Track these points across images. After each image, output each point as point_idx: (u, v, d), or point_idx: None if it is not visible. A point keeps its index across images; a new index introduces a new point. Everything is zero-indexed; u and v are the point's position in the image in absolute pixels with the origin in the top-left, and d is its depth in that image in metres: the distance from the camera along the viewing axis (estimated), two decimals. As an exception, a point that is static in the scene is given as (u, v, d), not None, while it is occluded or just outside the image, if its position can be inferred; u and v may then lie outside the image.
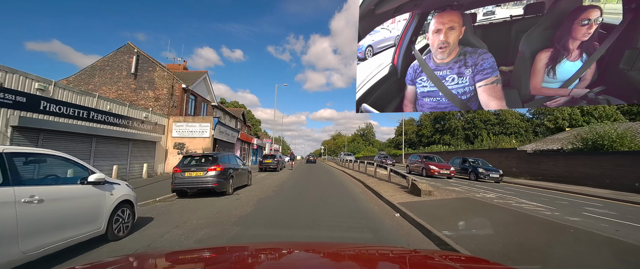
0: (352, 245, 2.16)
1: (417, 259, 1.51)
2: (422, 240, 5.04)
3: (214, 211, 7.05)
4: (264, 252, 1.57)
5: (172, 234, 4.97)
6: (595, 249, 4.34)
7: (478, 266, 1.54)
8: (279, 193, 10.24)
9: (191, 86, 20.01)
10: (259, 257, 1.47)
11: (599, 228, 6.07)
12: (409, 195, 9.46)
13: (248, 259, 1.43)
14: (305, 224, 5.91)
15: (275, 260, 1.41)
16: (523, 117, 48.19)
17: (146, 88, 18.99)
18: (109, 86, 19.12)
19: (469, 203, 8.22)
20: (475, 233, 5.13)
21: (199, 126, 17.86)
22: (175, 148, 17.62)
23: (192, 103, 20.82)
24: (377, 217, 6.87)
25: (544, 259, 3.84)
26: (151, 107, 18.52)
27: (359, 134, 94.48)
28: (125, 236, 4.63)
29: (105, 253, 3.88)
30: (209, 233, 5.10)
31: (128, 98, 18.84)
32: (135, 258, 1.44)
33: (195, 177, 9.01)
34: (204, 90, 23.22)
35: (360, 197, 9.95)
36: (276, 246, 1.73)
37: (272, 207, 7.71)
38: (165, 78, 18.93)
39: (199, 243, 4.48)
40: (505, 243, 4.49)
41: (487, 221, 5.96)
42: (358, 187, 12.91)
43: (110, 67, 19.24)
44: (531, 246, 4.39)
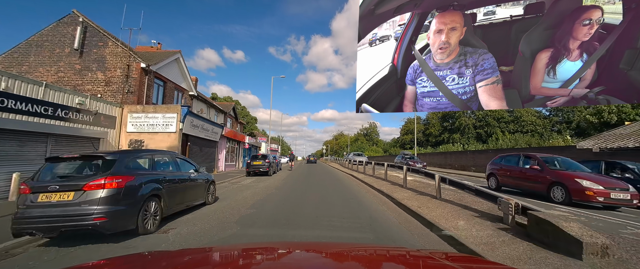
0: (352, 245, 2.16)
1: (417, 259, 1.51)
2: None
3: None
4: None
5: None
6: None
7: (478, 266, 1.54)
8: (254, 220, 5.58)
9: (156, 67, 15.20)
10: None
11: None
12: (534, 248, 3.59)
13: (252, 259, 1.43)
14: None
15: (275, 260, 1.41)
16: (539, 115, 43.42)
17: (94, 69, 14.75)
18: (47, 67, 14.97)
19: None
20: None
21: (162, 117, 13.75)
22: (131, 146, 13.60)
23: (158, 90, 16.23)
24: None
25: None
26: (100, 93, 14.45)
27: (362, 133, 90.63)
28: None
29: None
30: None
31: (72, 82, 14.72)
32: (138, 258, 1.43)
33: (55, 207, 4.06)
34: (177, 75, 18.07)
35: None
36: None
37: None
38: (119, 56, 14.62)
39: None
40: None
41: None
42: (386, 206, 7.13)
43: (50, 43, 15.04)
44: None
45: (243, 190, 10.25)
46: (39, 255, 3.85)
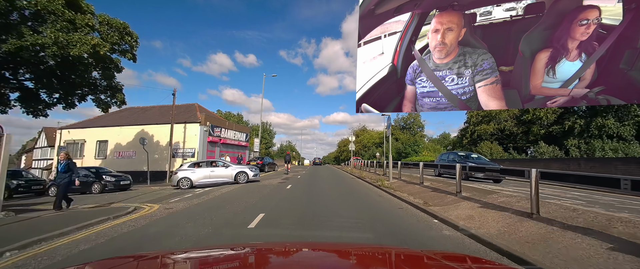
0: (352, 245, 2.17)
1: (417, 259, 1.51)
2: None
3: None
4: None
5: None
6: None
7: (478, 266, 1.54)
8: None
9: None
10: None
11: None
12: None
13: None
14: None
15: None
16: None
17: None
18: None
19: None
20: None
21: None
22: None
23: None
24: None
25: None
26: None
27: (399, 126, 56.25)
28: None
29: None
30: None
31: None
32: (138, 258, 1.44)
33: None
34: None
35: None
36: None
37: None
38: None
39: None
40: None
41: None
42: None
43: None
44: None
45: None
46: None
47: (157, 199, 7.57)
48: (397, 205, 5.78)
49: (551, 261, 2.72)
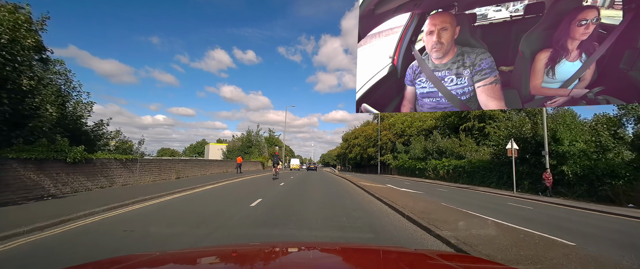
0: (352, 245, 2.17)
1: (417, 259, 1.52)
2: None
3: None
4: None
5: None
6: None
7: (478, 266, 1.54)
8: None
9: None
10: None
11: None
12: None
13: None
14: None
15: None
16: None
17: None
18: None
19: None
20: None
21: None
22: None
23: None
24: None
25: None
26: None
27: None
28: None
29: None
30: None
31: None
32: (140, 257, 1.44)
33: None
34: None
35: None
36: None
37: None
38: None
39: None
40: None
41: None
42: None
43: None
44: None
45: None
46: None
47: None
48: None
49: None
